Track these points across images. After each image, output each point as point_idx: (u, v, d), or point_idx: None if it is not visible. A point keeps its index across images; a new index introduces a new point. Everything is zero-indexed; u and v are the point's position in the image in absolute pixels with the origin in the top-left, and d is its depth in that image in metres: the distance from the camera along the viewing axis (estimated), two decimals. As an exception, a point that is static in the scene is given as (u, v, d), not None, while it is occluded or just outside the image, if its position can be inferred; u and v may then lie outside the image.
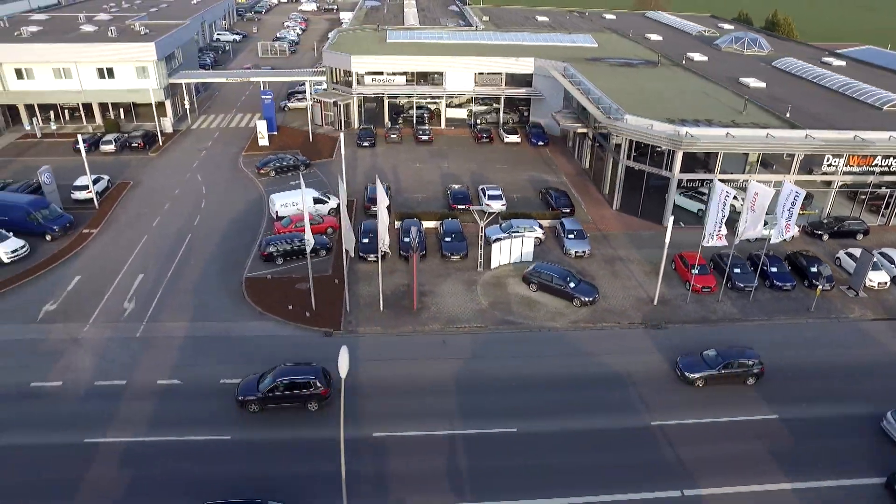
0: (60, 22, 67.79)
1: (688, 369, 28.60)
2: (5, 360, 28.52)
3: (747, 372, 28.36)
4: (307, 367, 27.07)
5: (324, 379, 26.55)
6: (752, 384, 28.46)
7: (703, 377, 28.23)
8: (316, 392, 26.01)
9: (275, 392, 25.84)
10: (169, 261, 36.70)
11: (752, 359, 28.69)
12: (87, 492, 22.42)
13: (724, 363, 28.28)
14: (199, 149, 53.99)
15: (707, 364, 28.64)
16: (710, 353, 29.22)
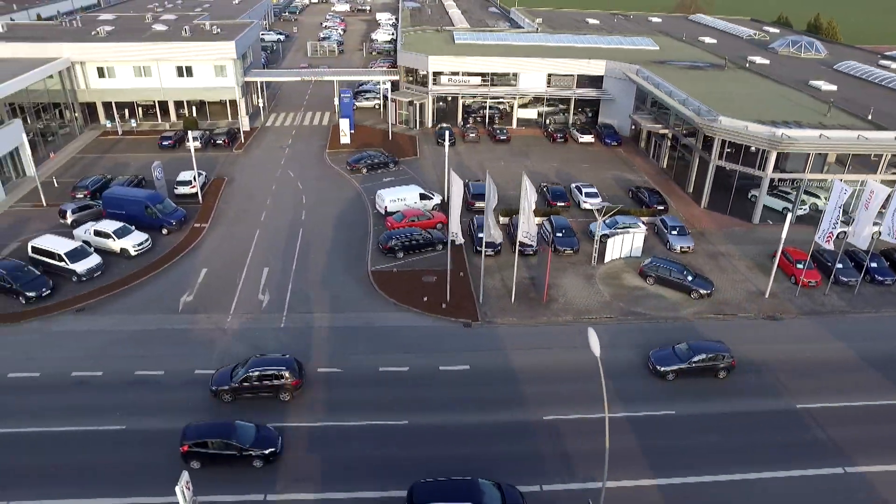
0: (129, 22, 68.74)
1: (659, 363, 28.94)
2: (164, 349, 29.20)
3: (718, 365, 28.61)
4: (280, 358, 27.55)
5: (296, 370, 27.01)
6: (724, 377, 28.82)
7: (675, 370, 28.62)
8: (287, 383, 26.46)
9: (247, 382, 26.34)
10: (289, 254, 37.52)
11: (723, 353, 29.15)
12: (283, 471, 23.06)
13: (694, 357, 28.68)
14: (282, 146, 54.73)
15: (679, 357, 29.07)
16: (681, 346, 29.76)
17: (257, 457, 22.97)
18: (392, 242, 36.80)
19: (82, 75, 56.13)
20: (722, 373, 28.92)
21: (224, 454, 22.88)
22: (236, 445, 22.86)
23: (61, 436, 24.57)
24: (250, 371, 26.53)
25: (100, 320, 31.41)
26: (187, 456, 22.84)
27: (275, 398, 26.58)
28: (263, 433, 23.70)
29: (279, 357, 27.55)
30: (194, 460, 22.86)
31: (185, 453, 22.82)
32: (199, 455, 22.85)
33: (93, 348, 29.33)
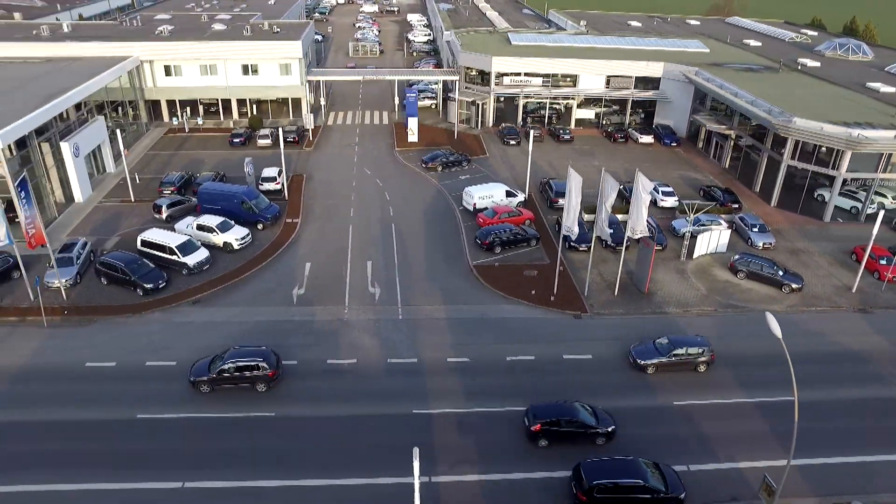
0: (187, 21, 69.59)
1: (640, 357, 29.35)
2: (292, 340, 29.92)
3: (697, 359, 29.11)
4: (257, 350, 28.07)
5: (272, 361, 27.54)
6: (704, 371, 29.27)
7: (654, 364, 29.03)
8: (264, 374, 26.96)
9: (225, 374, 26.87)
10: (387, 249, 38.34)
11: (702, 347, 29.56)
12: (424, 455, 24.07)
13: (673, 351, 29.15)
14: (349, 144, 55.59)
15: (658, 351, 29.49)
16: (662, 340, 30.08)
17: (602, 434, 24.48)
18: (491, 238, 37.74)
19: (150, 73, 57.05)
20: (702, 367, 29.32)
21: (574, 432, 24.40)
22: (584, 423, 24.55)
23: (219, 420, 25.10)
24: (228, 363, 27.09)
25: (217, 312, 32.20)
26: (538, 434, 24.32)
27: (252, 389, 26.81)
28: (600, 414, 25.16)
29: (257, 349, 28.09)
30: (543, 439, 24.25)
31: (537, 432, 24.26)
32: (549, 434, 24.29)
33: (221, 338, 29.86)
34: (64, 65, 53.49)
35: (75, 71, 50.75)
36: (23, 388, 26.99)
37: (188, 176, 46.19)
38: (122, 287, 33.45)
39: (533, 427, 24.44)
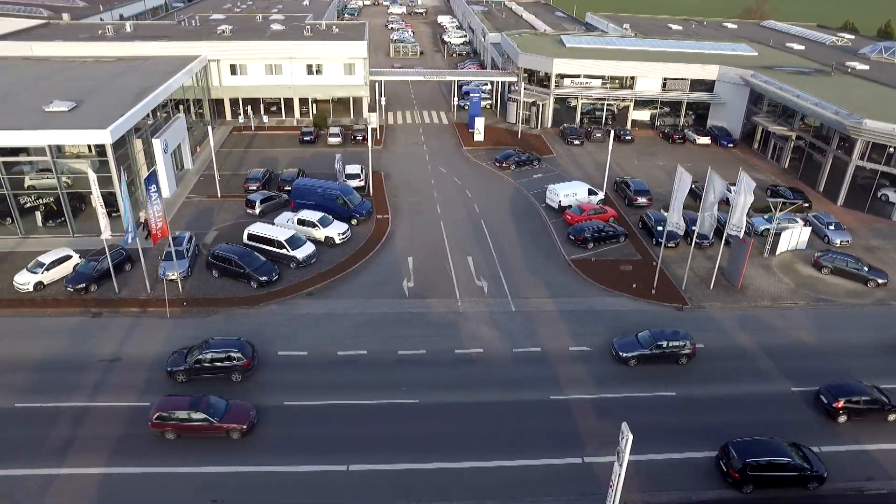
0: (243, 21, 70.64)
1: (622, 349, 29.91)
2: (414, 331, 30.83)
3: (678, 352, 29.55)
4: (232, 340, 28.72)
5: (247, 352, 28.18)
6: (685, 363, 29.73)
7: (636, 356, 29.49)
8: (238, 364, 27.61)
9: (201, 364, 27.54)
10: (483, 244, 39.35)
11: (684, 340, 30.08)
12: (586, 438, 24.89)
13: (655, 344, 29.60)
14: (416, 143, 56.55)
15: (640, 344, 30.00)
16: (644, 334, 30.67)
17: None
18: (585, 234, 38.94)
19: (216, 73, 57.99)
20: (683, 359, 29.80)
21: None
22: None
23: (365, 408, 26.01)
24: (203, 353, 27.75)
25: (333, 304, 33.14)
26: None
27: (227, 379, 27.60)
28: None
29: (232, 340, 28.69)
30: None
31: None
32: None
33: (344, 329, 30.92)
34: (138, 63, 54.36)
35: (151, 69, 51.55)
36: (159, 374, 27.64)
37: (270, 173, 47.01)
38: (235, 279, 34.34)
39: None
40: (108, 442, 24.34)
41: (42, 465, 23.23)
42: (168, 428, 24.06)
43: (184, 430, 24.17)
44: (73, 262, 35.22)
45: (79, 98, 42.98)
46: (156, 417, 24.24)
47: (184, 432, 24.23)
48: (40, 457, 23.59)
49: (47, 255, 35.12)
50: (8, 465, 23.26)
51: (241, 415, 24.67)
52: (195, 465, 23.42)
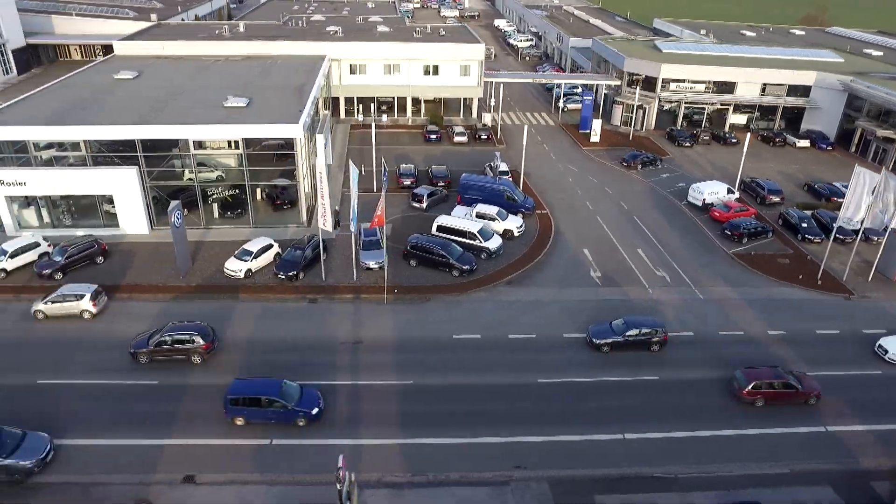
0: (345, 23, 72.86)
1: (595, 336, 31.21)
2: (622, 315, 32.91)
3: (651, 339, 30.71)
4: (192, 324, 30.24)
5: (208, 335, 29.56)
6: (657, 350, 31.00)
7: (609, 343, 30.85)
8: (198, 347, 29.03)
9: (162, 346, 28.92)
10: (644, 237, 41.70)
11: (656, 327, 31.28)
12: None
13: (627, 331, 30.85)
14: (536, 142, 58.34)
15: (613, 332, 31.27)
16: (618, 322, 31.90)
17: None
18: (742, 229, 41.50)
19: (337, 72, 60.16)
20: (655, 346, 30.99)
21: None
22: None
23: (616, 384, 28.25)
24: (165, 335, 29.11)
25: (534, 292, 35.43)
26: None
27: (188, 361, 29.05)
28: None
29: (193, 324, 30.19)
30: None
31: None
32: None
33: (557, 314, 33.10)
34: (269, 62, 56.59)
35: (288, 68, 53.80)
36: (406, 356, 29.75)
37: (417, 169, 49.14)
38: (434, 269, 36.55)
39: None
40: (401, 417, 26.34)
41: (353, 436, 25.21)
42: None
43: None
44: (274, 251, 37.43)
45: (243, 94, 45.10)
46: (752, 386, 26.71)
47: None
48: (355, 427, 25.67)
49: (252, 243, 37.17)
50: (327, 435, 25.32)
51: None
52: (506, 435, 25.56)
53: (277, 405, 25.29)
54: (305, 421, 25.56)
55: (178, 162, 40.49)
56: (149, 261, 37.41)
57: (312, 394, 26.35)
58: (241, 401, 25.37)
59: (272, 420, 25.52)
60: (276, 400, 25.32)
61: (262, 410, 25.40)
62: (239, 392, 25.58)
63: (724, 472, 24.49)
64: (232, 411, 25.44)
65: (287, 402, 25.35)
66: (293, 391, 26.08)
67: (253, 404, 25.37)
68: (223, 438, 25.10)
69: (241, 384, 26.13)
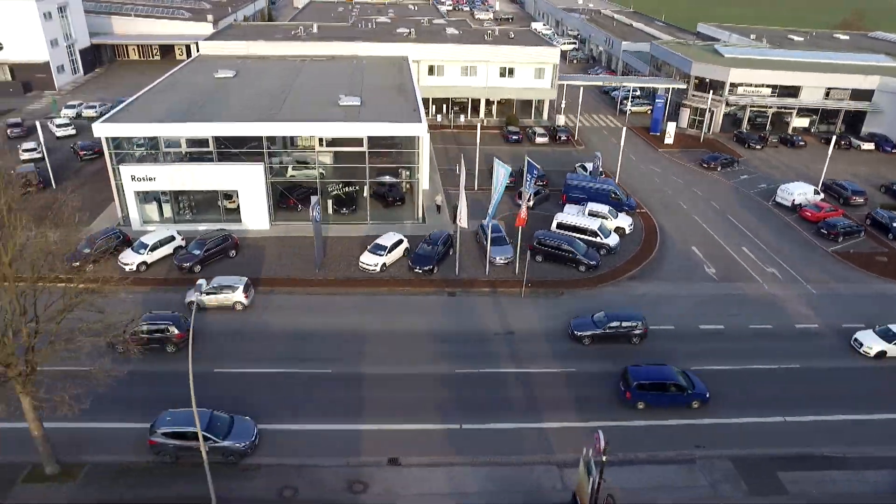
0: (411, 24, 74.43)
1: (577, 329, 32.14)
2: (749, 308, 34.43)
3: (632, 332, 31.65)
4: (167, 314, 31.21)
5: (180, 325, 30.41)
6: (638, 343, 31.88)
7: (590, 335, 31.76)
8: (171, 336, 29.95)
9: (139, 335, 29.14)
10: (743, 235, 43.10)
11: (636, 320, 32.19)
12: None
13: (608, 324, 31.76)
14: (612, 143, 59.44)
15: (595, 324, 32.22)
16: (599, 315, 32.80)
17: None
18: (839, 228, 43.14)
19: (415, 72, 60.09)
20: (635, 339, 31.94)
21: None
22: None
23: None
24: (141, 325, 29.76)
25: (659, 286, 36.83)
26: None
27: (162, 350, 29.85)
28: None
29: (167, 314, 31.18)
30: None
31: None
32: None
33: (687, 308, 34.54)
34: (355, 62, 57.87)
35: (376, 67, 55.09)
36: (559, 346, 31.09)
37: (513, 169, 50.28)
38: (559, 264, 37.91)
39: None
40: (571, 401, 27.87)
41: (536, 420, 26.67)
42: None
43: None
44: (404, 246, 38.59)
45: (349, 93, 46.19)
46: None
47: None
48: (525, 413, 27.14)
49: (384, 238, 38.48)
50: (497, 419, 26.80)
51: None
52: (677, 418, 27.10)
53: (674, 390, 27.36)
54: (699, 403, 27.47)
55: (286, 159, 41.64)
56: (278, 255, 38.71)
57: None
58: (646, 386, 27.32)
59: (668, 404, 27.42)
60: (676, 384, 27.32)
61: (663, 395, 27.33)
62: (642, 378, 27.59)
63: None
64: (637, 396, 27.25)
65: (687, 388, 27.38)
66: (691, 379, 27.93)
67: (656, 389, 27.40)
68: (415, 424, 26.27)
69: (639, 371, 28.00)
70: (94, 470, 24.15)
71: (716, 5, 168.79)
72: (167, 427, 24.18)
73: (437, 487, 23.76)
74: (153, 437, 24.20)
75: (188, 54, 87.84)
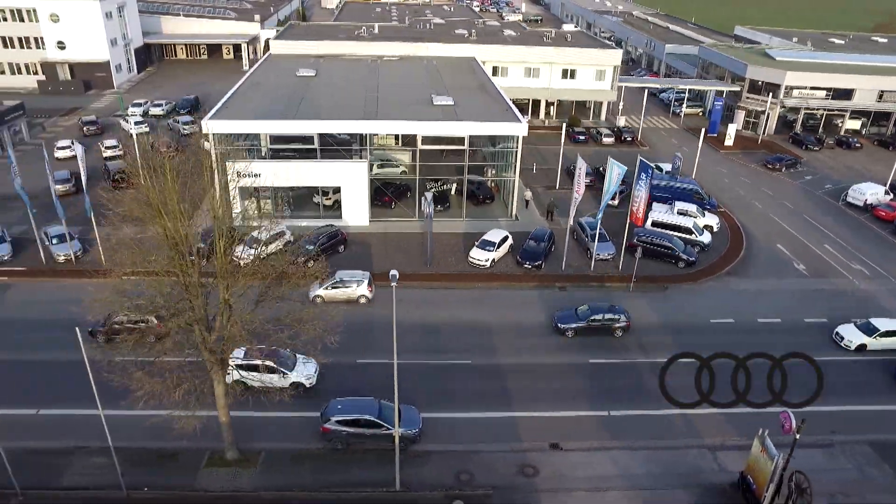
0: (467, 25, 76.22)
1: (560, 322, 32.97)
2: (839, 302, 35.64)
3: (614, 325, 32.50)
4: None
5: (161, 317, 29.94)
6: (620, 336, 32.68)
7: (574, 328, 32.64)
8: (152, 326, 29.58)
9: (118, 325, 29.90)
10: (822, 233, 44.37)
11: (619, 314, 33.12)
12: None
13: (591, 317, 32.63)
14: (673, 144, 61.25)
15: (578, 317, 33.09)
16: (583, 308, 33.66)
17: None
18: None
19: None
20: (618, 332, 32.81)
21: None
22: None
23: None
24: (119, 317, 29.77)
25: (755, 283, 37.92)
26: None
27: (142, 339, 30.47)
28: None
29: None
30: None
31: None
32: None
33: (789, 301, 35.85)
34: (426, 62, 59.33)
35: (448, 67, 56.48)
36: (678, 337, 32.17)
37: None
38: (657, 259, 39.05)
39: None
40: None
41: (669, 407, 27.77)
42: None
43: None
44: (509, 243, 39.69)
45: (437, 93, 47.39)
46: None
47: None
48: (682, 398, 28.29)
49: (491, 234, 39.72)
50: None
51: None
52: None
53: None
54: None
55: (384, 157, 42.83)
56: (383, 250, 39.87)
57: None
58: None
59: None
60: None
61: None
62: None
63: None
64: None
65: None
66: None
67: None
68: (565, 411, 27.40)
69: None
70: (270, 456, 25.24)
71: (738, 8, 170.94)
72: (340, 415, 25.28)
73: (602, 470, 25.06)
74: (326, 425, 25.29)
75: (235, 54, 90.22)
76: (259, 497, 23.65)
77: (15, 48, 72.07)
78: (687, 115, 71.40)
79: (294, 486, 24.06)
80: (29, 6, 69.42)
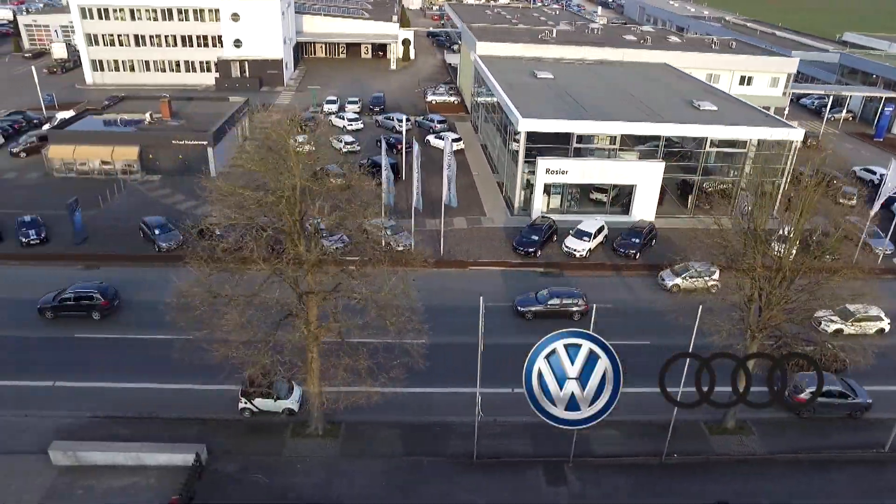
0: (624, 30, 78.66)
1: (521, 305, 34.41)
2: None
3: (571, 309, 33.88)
4: (94, 284, 33.03)
5: (107, 295, 32.00)
6: (578, 319, 33.46)
7: (533, 311, 33.93)
8: (97, 304, 31.37)
9: (64, 302, 31.28)
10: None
11: (576, 298, 34.50)
12: None
13: (549, 301, 34.13)
14: (846, 148, 64.32)
15: (538, 301, 34.48)
16: (542, 292, 35.07)
17: None
18: None
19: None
20: (576, 315, 33.86)
21: None
22: None
23: None
24: (68, 293, 31.79)
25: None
26: None
27: (88, 317, 31.40)
28: None
29: (95, 284, 33.03)
30: None
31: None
32: None
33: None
34: (623, 67, 61.30)
35: (642, 72, 59.08)
36: None
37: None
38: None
39: None
40: None
41: None
42: None
43: None
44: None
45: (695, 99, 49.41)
46: None
47: None
48: None
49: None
50: None
51: None
52: None
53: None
54: None
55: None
56: (688, 243, 39.61)
57: None
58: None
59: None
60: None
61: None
62: None
63: None
64: None
65: None
66: None
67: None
68: None
69: None
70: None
71: (821, 13, 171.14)
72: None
73: None
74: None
75: (373, 54, 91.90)
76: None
77: (193, 46, 73.37)
78: (836, 121, 73.75)
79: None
80: (212, 6, 70.88)
